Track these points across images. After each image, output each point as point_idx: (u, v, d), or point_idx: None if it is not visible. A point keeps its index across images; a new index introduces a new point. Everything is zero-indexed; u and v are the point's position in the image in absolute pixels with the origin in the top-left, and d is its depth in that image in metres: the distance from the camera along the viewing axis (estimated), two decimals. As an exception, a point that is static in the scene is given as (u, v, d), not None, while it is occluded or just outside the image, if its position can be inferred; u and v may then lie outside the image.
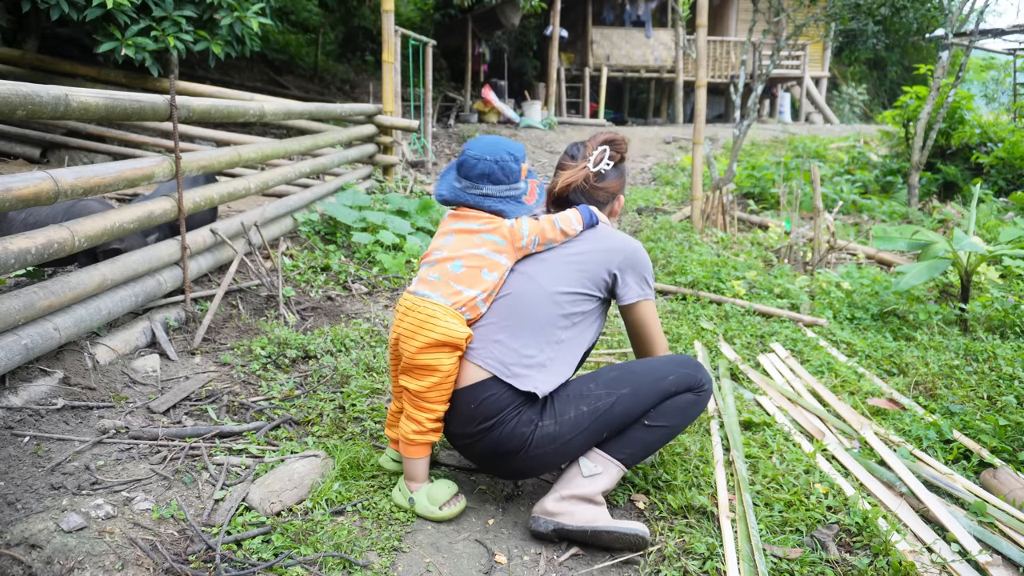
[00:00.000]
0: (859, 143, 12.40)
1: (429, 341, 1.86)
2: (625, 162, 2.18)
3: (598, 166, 2.09)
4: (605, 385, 1.93)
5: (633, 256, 2.01)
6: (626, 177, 2.23)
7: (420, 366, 1.88)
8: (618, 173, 2.15)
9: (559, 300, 1.93)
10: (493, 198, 1.98)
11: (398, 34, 7.15)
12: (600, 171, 2.10)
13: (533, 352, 1.89)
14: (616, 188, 2.15)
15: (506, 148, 1.99)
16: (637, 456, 1.96)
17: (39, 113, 2.23)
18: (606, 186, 2.11)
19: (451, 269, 1.93)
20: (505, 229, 1.97)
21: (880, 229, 4.56)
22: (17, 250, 2.19)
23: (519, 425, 1.86)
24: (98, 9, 5.15)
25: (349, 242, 4.70)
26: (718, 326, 3.65)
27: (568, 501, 1.89)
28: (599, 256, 1.99)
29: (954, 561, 1.83)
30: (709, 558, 1.81)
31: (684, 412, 1.97)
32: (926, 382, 3.07)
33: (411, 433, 1.93)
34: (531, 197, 2.05)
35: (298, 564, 1.71)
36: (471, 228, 1.98)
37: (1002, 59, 18.28)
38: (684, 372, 1.98)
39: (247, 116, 3.86)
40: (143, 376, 2.66)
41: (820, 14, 8.31)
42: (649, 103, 18.80)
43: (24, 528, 1.72)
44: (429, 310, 1.88)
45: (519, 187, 2.01)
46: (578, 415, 1.89)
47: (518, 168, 1.99)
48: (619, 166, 2.15)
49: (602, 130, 2.29)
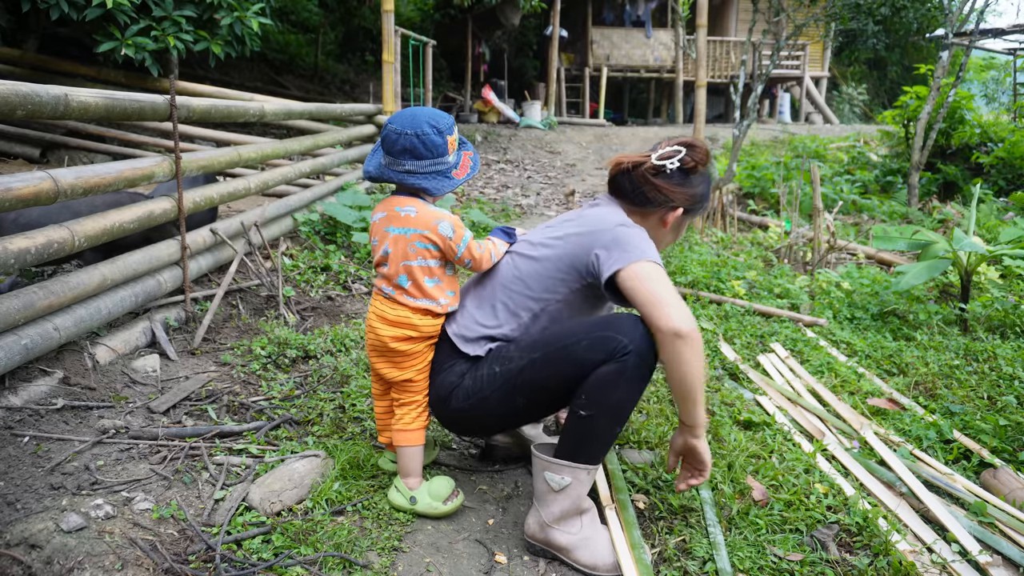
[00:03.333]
0: (859, 143, 12.40)
1: (400, 336, 1.92)
2: (700, 177, 1.97)
3: (663, 161, 1.93)
4: (522, 348, 1.83)
5: (613, 232, 1.80)
6: (701, 200, 1.99)
7: (398, 352, 1.93)
8: (684, 180, 1.94)
9: (529, 282, 1.89)
10: (416, 175, 1.85)
11: (398, 34, 7.15)
12: (663, 166, 1.92)
13: (491, 323, 1.91)
14: (674, 194, 1.93)
15: (428, 119, 1.83)
16: (596, 451, 1.77)
17: (39, 113, 2.23)
18: (662, 185, 1.92)
19: (401, 283, 1.91)
20: (437, 236, 1.87)
21: (880, 229, 4.56)
22: (17, 250, 2.19)
23: (449, 375, 1.92)
24: (98, 9, 5.15)
25: (349, 242, 4.70)
26: (718, 326, 3.65)
27: (553, 526, 1.80)
28: (583, 240, 1.84)
29: (954, 561, 1.83)
30: (709, 559, 1.80)
31: (606, 392, 1.70)
32: (926, 382, 3.07)
33: (412, 420, 1.97)
34: (462, 170, 1.92)
35: (298, 564, 1.71)
36: (404, 235, 1.88)
37: (1002, 59, 18.27)
38: (598, 336, 1.72)
39: (247, 116, 3.86)
40: (143, 376, 2.66)
41: (820, 14, 8.31)
42: (649, 103, 18.80)
43: (24, 528, 1.72)
44: (400, 311, 1.92)
45: (445, 160, 1.86)
46: (491, 374, 1.85)
47: (442, 141, 1.83)
48: (690, 175, 1.95)
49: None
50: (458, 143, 1.94)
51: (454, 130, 1.89)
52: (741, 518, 1.96)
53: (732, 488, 2.08)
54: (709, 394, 2.81)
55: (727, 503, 2.02)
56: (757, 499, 2.04)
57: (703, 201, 2.01)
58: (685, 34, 14.41)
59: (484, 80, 15.99)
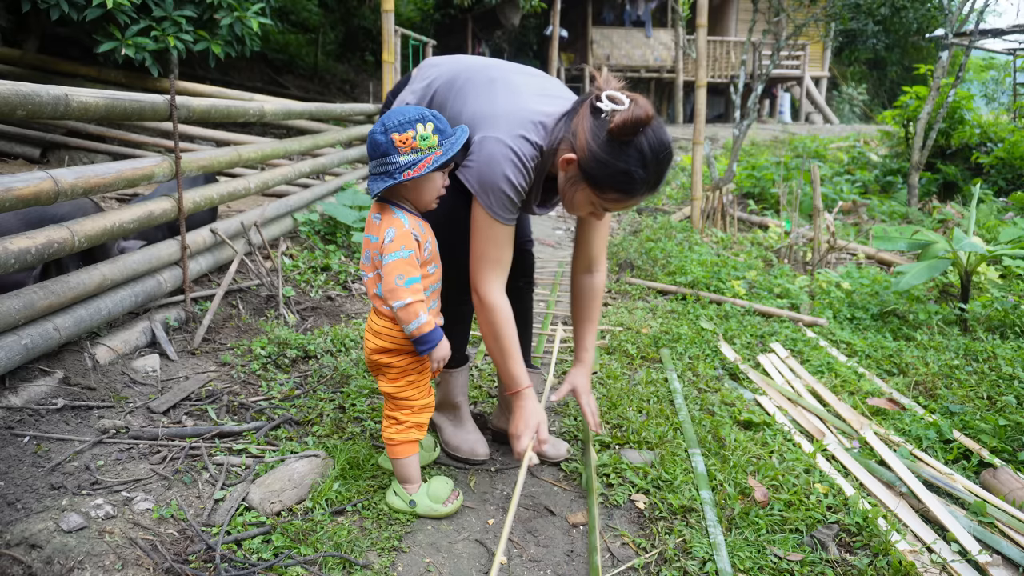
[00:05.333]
0: (859, 143, 12.41)
1: (378, 347, 1.90)
2: (617, 148, 1.68)
3: (607, 98, 1.71)
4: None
5: (493, 134, 1.80)
6: (599, 168, 1.70)
7: (380, 364, 1.92)
8: (600, 135, 1.68)
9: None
10: (370, 176, 1.80)
11: (398, 34, 7.15)
12: (600, 103, 1.71)
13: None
14: (580, 133, 1.73)
15: (384, 118, 1.75)
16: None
17: (39, 113, 2.23)
18: (584, 115, 1.74)
19: (378, 292, 1.88)
20: (384, 245, 1.81)
21: (880, 229, 4.56)
22: (17, 250, 2.19)
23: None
24: (98, 9, 5.15)
25: (349, 242, 4.70)
26: (718, 326, 3.65)
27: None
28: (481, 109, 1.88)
29: (954, 561, 1.83)
30: (709, 559, 1.81)
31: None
32: (926, 382, 3.07)
33: (393, 433, 1.94)
34: (417, 170, 1.73)
35: (298, 564, 1.71)
36: (370, 241, 1.86)
37: (1002, 59, 18.27)
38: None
39: (247, 116, 3.86)
40: (143, 376, 2.66)
41: (820, 14, 8.32)
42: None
43: (24, 528, 1.72)
44: (382, 321, 1.90)
45: (390, 161, 1.74)
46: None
47: (385, 139, 1.73)
48: (611, 135, 1.67)
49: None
50: (438, 142, 1.75)
51: (413, 128, 1.72)
52: (741, 518, 1.96)
53: (733, 488, 2.08)
54: (709, 394, 2.81)
55: (727, 503, 2.02)
56: (758, 499, 2.04)
57: (605, 177, 1.71)
58: (685, 34, 14.43)
59: (484, 80, 15.95)
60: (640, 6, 16.88)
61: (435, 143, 1.76)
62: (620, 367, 3.06)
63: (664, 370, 3.05)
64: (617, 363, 3.11)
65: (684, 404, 2.67)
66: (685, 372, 3.05)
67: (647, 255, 5.09)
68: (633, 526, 1.99)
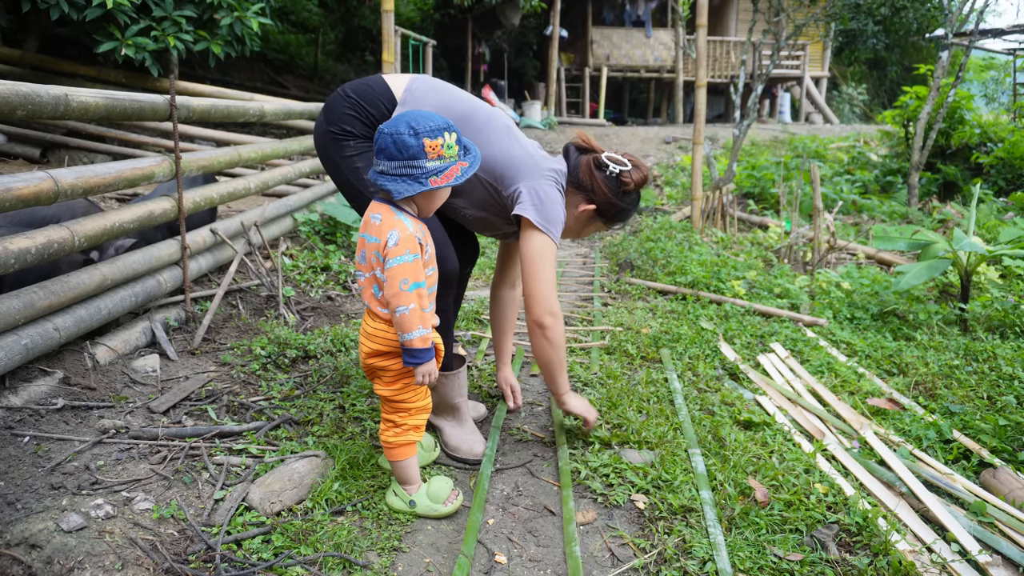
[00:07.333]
0: (859, 143, 12.41)
1: (372, 350, 1.90)
2: (628, 196, 2.24)
3: (609, 161, 2.22)
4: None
5: (541, 176, 2.19)
6: (617, 212, 2.26)
7: (375, 368, 1.92)
8: (614, 188, 2.21)
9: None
10: (386, 176, 1.77)
11: (398, 34, 7.15)
12: (605, 164, 2.21)
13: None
14: (598, 189, 2.21)
15: (411, 120, 1.74)
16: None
17: (39, 113, 2.23)
18: (596, 175, 2.21)
19: (374, 293, 1.88)
20: (388, 248, 1.79)
21: (880, 229, 4.56)
22: (17, 250, 2.19)
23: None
24: (98, 9, 5.15)
25: (349, 242, 4.70)
26: (718, 326, 3.65)
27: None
28: (519, 161, 2.21)
29: (954, 561, 1.83)
30: (709, 559, 1.81)
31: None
32: (926, 382, 3.07)
33: (391, 436, 1.94)
34: (443, 179, 1.78)
35: (298, 564, 1.71)
36: (368, 242, 1.83)
37: (1002, 59, 18.28)
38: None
39: (247, 116, 3.86)
40: (143, 376, 2.66)
41: (820, 14, 8.32)
42: (649, 103, 18.80)
43: (24, 528, 1.72)
44: (377, 324, 1.88)
45: (418, 165, 1.74)
46: None
47: (416, 143, 1.72)
48: (621, 187, 2.21)
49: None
50: (458, 154, 1.82)
51: (442, 136, 1.76)
52: (741, 518, 1.96)
53: (733, 488, 2.08)
54: (709, 394, 2.81)
55: (727, 503, 2.02)
56: (758, 499, 2.04)
57: (619, 216, 2.29)
58: (685, 34, 14.42)
59: (484, 80, 15.99)
60: (640, 6, 16.87)
61: (455, 154, 1.81)
62: (620, 367, 3.06)
63: (664, 370, 3.05)
64: (617, 363, 3.11)
65: (684, 404, 2.67)
66: (685, 372, 3.05)
67: (647, 255, 5.09)
68: (633, 526, 1.99)
